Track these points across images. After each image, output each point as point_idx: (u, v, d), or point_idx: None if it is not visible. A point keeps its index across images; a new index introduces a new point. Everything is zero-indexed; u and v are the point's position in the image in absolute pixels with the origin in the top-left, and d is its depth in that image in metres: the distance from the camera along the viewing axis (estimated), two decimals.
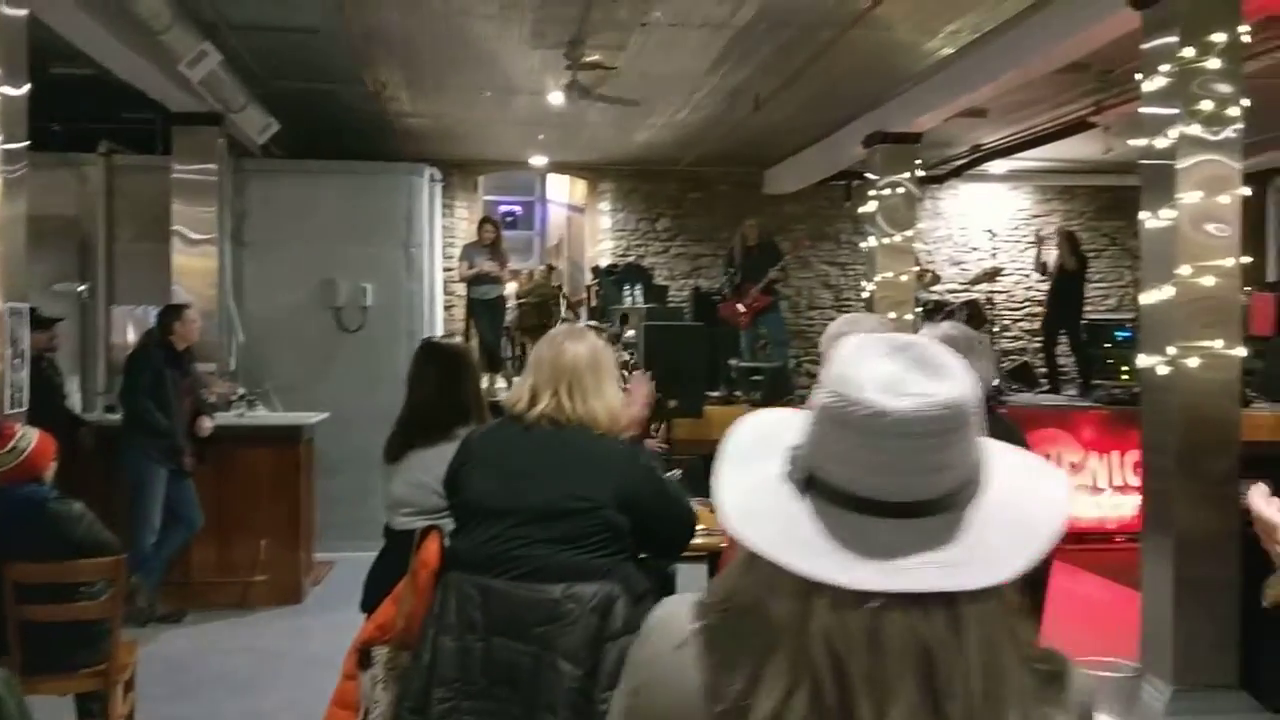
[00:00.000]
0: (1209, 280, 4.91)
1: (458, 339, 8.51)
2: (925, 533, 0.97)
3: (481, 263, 9.77)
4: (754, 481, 1.04)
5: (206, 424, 6.62)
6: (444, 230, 11.46)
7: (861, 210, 9.11)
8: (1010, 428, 3.46)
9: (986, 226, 12.22)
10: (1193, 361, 4.91)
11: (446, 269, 11.16)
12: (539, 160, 11.93)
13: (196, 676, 5.58)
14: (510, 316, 12.95)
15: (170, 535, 6.35)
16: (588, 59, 7.08)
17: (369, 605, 3.27)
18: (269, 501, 6.93)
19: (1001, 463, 1.04)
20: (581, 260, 12.98)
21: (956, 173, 11.71)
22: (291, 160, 9.28)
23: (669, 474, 3.75)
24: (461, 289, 10.79)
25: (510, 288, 11.34)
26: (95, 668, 4.00)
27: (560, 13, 6.34)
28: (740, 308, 10.31)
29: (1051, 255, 10.57)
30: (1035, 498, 1.03)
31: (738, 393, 9.35)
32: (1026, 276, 12.41)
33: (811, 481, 1.01)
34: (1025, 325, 12.57)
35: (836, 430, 0.99)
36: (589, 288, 10.53)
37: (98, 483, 6.10)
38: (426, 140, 10.34)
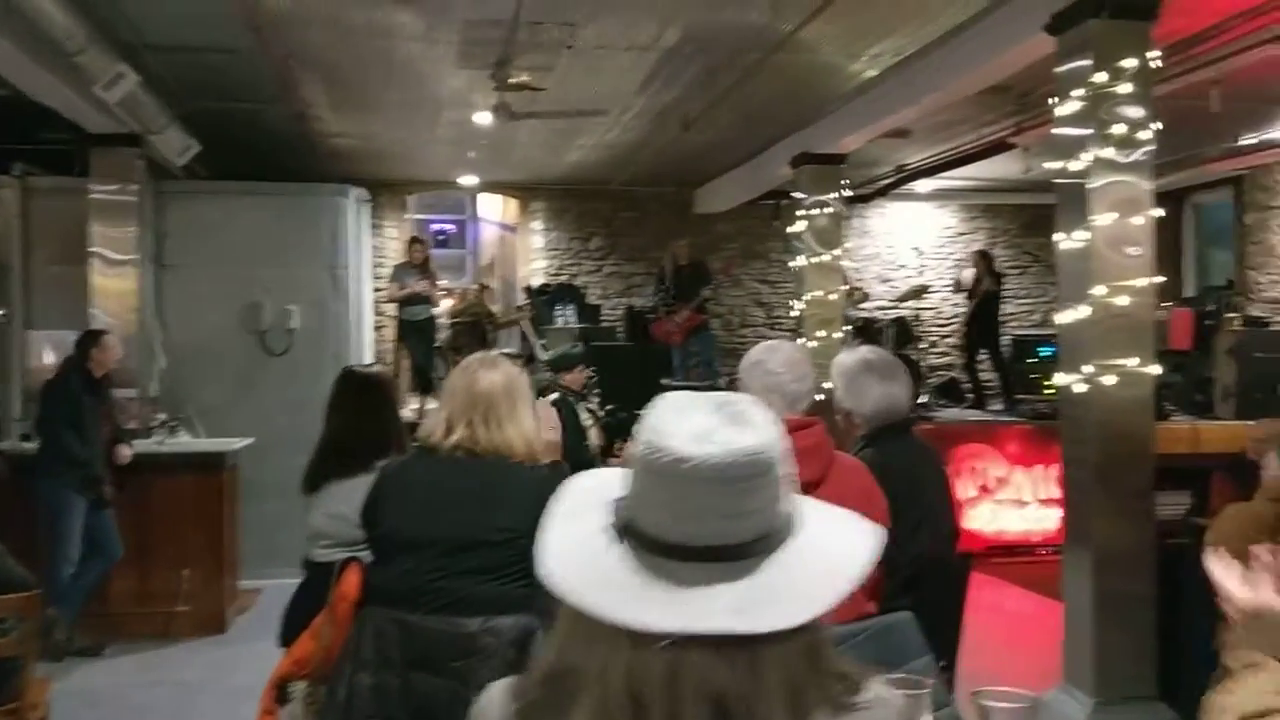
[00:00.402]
0: (1123, 300, 5.02)
1: (378, 366, 8.38)
2: (727, 576, 1.00)
3: (412, 283, 9.70)
4: (576, 532, 1.08)
5: (125, 452, 6.48)
6: (373, 251, 11.37)
7: (790, 230, 9.20)
8: (925, 448, 3.51)
9: (913, 244, 12.40)
10: (1108, 379, 5.01)
11: (376, 289, 11.05)
12: (469, 180, 11.87)
13: (116, 711, 5.44)
14: (443, 336, 12.89)
15: (89, 567, 6.20)
16: (515, 80, 7.06)
17: (287, 639, 3.22)
18: (191, 530, 6.79)
19: (814, 516, 1.09)
20: (514, 279, 12.93)
21: (883, 192, 11.87)
22: (214, 181, 9.14)
23: None
24: (392, 309, 10.71)
25: (444, 305, 11.28)
26: (5, 707, 3.88)
27: (486, 35, 6.32)
28: (671, 328, 10.37)
29: (968, 274, 10.79)
30: (840, 548, 1.07)
31: None
32: (954, 293, 12.63)
33: (627, 529, 1.04)
34: (952, 341, 12.76)
35: (648, 478, 1.03)
36: (520, 308, 10.52)
37: (13, 513, 5.95)
38: (354, 160, 10.24)
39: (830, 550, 1.05)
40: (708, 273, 11.18)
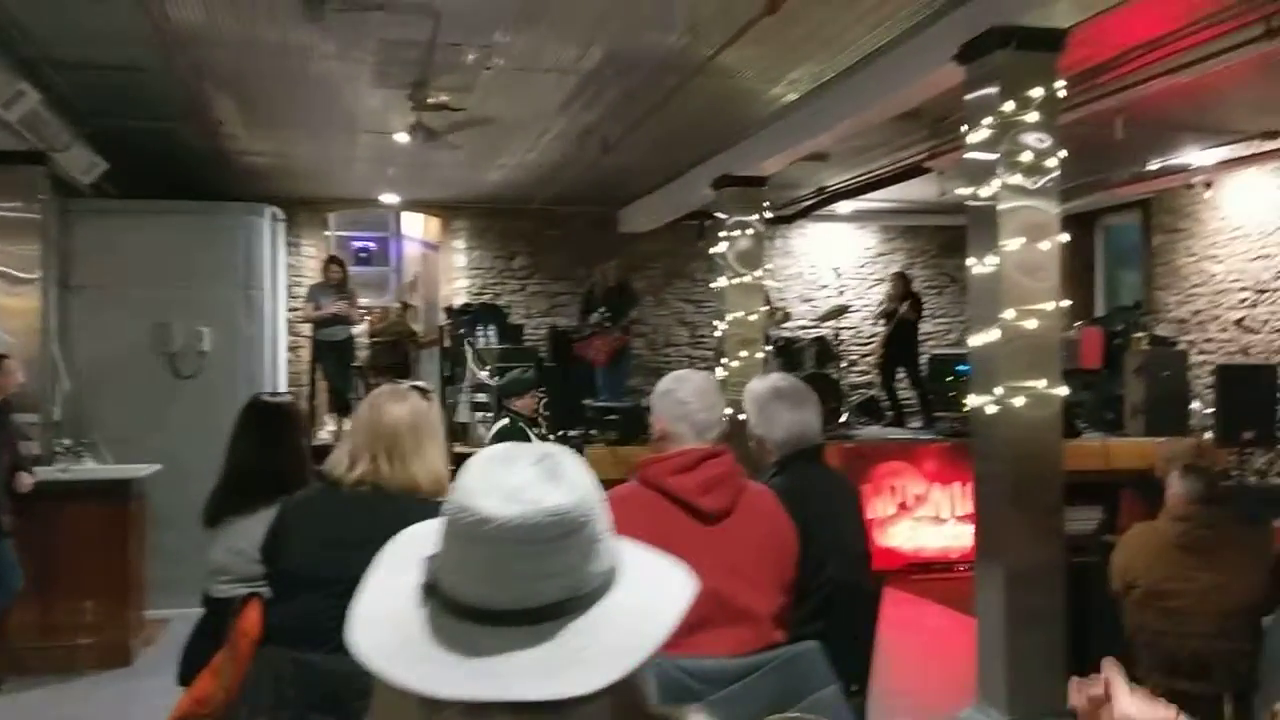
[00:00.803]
0: (1032, 323, 5.13)
1: (288, 395, 8.09)
2: (528, 640, 0.98)
3: (329, 303, 9.55)
4: (390, 588, 1.06)
5: (26, 480, 6.26)
6: (290, 269, 11.18)
7: (712, 251, 9.25)
8: (837, 475, 3.54)
9: (834, 265, 12.55)
10: (1018, 401, 5.11)
11: (293, 309, 10.87)
12: (390, 198, 11.75)
13: None
14: (364, 355, 12.71)
15: None
16: (433, 100, 7.01)
17: (186, 677, 3.13)
18: (96, 559, 6.57)
19: (632, 571, 1.07)
20: (437, 298, 12.83)
21: (804, 213, 12.00)
22: (122, 200, 8.91)
23: None
24: (308, 329, 10.53)
25: (363, 325, 11.13)
26: None
27: (402, 55, 6.27)
28: (597, 348, 10.38)
29: (890, 298, 10.99)
30: (648, 607, 1.05)
31: (594, 432, 9.36)
32: (874, 312, 12.79)
33: (433, 590, 1.03)
34: (873, 360, 12.93)
35: (451, 537, 1.02)
36: (442, 328, 10.41)
37: None
38: (270, 178, 10.08)
39: (638, 610, 1.03)
40: (634, 294, 11.22)
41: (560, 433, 7.48)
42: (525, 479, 1.01)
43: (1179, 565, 4.15)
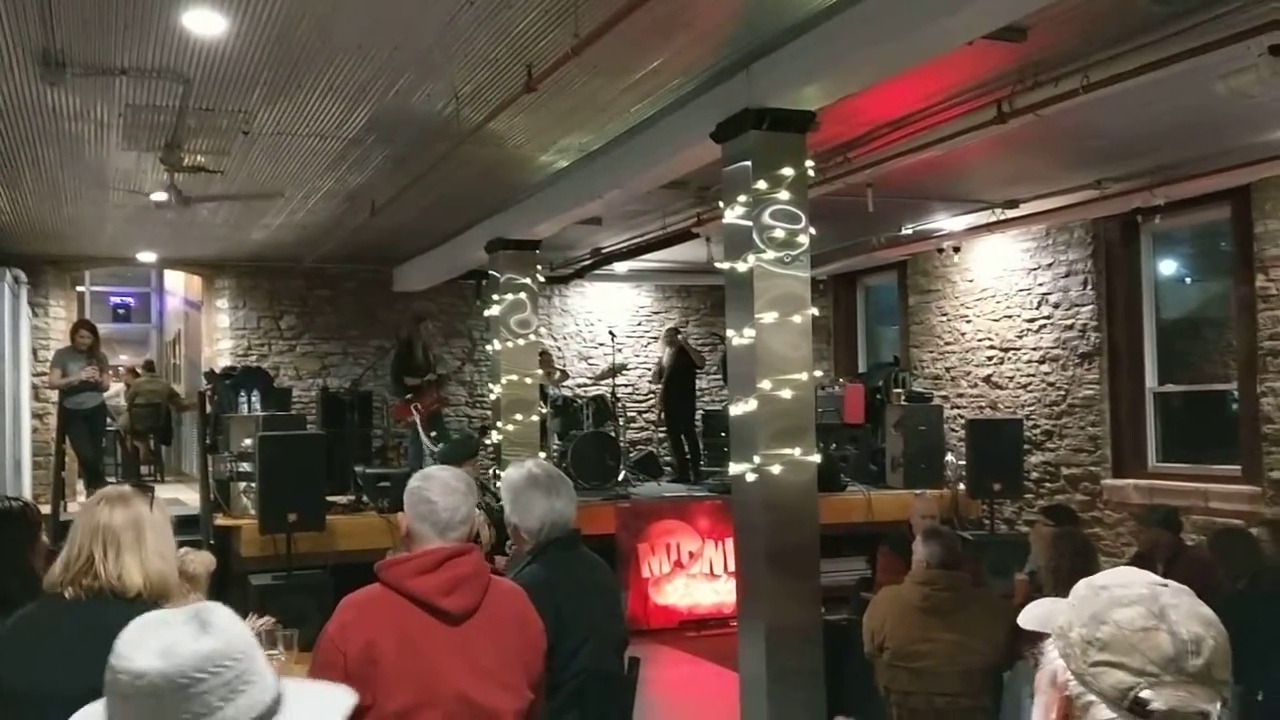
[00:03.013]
0: (787, 393, 5.33)
1: (17, 503, 7.46)
2: None
3: (77, 370, 8.94)
4: None
5: None
6: (36, 331, 10.46)
7: (486, 314, 9.20)
8: (593, 560, 3.54)
9: (610, 324, 12.73)
10: (775, 468, 5.29)
11: (39, 374, 10.14)
12: (148, 256, 11.18)
13: None
14: (121, 420, 11.98)
15: None
16: (188, 162, 6.74)
17: None
18: None
19: (294, 702, 1.23)
20: (200, 358, 12.23)
21: (581, 273, 12.14)
22: None
23: None
24: (55, 396, 9.83)
25: (116, 388, 10.47)
26: None
27: (150, 119, 6.00)
28: (421, 410, 10.17)
29: (666, 353, 11.20)
30: None
31: (365, 499, 9.11)
32: (650, 369, 13.01)
33: None
34: (650, 417, 13.13)
35: (114, 698, 1.19)
36: (203, 393, 9.89)
37: None
38: (12, 237, 9.42)
39: None
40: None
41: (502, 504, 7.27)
42: (176, 636, 1.15)
43: (923, 627, 4.34)
